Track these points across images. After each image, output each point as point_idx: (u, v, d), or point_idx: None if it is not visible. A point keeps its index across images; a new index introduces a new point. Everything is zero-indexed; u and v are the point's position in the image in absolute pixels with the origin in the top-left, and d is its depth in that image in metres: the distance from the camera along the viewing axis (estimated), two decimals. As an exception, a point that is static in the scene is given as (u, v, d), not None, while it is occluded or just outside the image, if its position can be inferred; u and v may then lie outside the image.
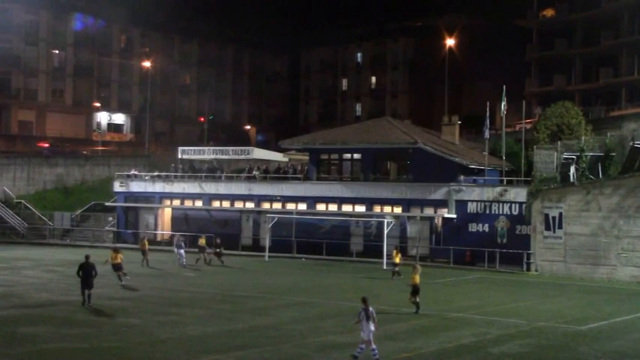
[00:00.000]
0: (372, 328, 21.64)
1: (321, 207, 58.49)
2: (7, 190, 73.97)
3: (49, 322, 27.19)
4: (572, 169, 50.13)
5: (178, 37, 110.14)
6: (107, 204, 68.22)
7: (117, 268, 38.03)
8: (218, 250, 50.38)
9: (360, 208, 57.14)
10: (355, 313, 30.10)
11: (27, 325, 26.67)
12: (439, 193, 54.48)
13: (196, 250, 51.87)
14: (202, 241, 51.57)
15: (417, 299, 30.86)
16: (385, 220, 51.98)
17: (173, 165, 67.04)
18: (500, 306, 34.02)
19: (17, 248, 60.12)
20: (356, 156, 59.70)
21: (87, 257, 32.08)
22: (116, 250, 38.81)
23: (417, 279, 30.98)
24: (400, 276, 41.79)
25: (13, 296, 33.49)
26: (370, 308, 21.89)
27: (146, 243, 49.84)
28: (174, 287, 38.13)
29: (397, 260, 43.55)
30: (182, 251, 48.54)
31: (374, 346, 21.62)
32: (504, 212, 52.24)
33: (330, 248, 55.80)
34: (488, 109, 56.30)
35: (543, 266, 48.45)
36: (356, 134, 60.81)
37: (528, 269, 48.51)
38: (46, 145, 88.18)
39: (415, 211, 55.56)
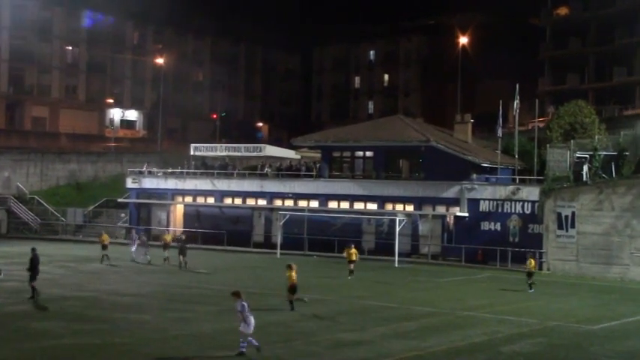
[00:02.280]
0: (253, 320, 21.83)
1: (333, 204, 58.49)
2: (20, 185, 74.25)
3: (62, 318, 27.29)
4: (585, 168, 50.00)
5: (191, 34, 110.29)
6: (119, 200, 68.36)
7: None
8: (181, 246, 44.94)
9: (372, 206, 57.10)
10: (365, 310, 30.32)
11: (40, 320, 26.80)
12: (451, 192, 54.38)
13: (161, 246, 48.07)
14: (167, 238, 48.58)
15: (297, 297, 30.39)
16: (397, 218, 51.94)
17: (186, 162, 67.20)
18: (512, 305, 33.94)
19: (30, 244, 60.11)
20: (368, 154, 59.65)
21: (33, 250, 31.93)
22: None
23: (294, 277, 30.57)
24: (352, 274, 41.78)
25: (25, 291, 33.60)
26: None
27: (106, 237, 47.49)
28: (184, 284, 38.18)
29: (354, 258, 42.57)
30: (134, 247, 47.89)
31: (252, 337, 21.82)
32: (516, 211, 52.10)
33: (342, 246, 55.56)
34: (501, 107, 56.10)
35: (555, 265, 48.33)
36: (368, 132, 60.77)
37: (540, 268, 48.29)
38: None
39: (427, 209, 55.50)
